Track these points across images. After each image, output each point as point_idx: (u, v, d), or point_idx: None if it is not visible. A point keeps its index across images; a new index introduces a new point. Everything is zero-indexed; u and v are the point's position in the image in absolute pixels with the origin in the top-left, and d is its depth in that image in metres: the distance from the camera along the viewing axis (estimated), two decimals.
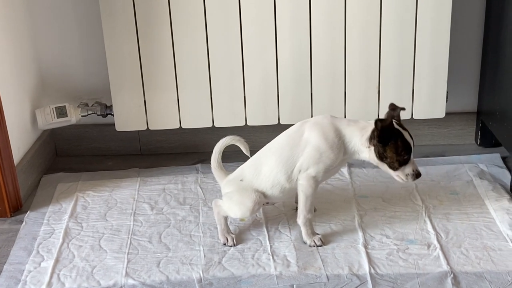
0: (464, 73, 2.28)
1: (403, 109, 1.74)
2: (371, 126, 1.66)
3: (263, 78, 2.13)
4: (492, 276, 1.60)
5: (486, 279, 1.58)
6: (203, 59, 2.11)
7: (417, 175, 1.68)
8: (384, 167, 1.69)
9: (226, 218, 1.79)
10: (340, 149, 1.69)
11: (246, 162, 1.81)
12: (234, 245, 1.75)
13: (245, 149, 1.83)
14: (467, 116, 2.34)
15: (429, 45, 2.10)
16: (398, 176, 1.69)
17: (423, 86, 2.14)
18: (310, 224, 1.75)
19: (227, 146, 1.82)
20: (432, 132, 2.35)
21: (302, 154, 1.70)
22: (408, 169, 1.67)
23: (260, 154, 1.79)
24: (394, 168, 1.67)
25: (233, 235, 1.77)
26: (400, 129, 1.66)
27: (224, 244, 1.76)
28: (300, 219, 1.74)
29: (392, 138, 1.64)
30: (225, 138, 1.81)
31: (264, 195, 1.74)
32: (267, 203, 1.80)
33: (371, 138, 1.66)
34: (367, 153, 1.68)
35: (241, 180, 1.77)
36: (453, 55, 2.16)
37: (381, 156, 1.66)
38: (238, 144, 1.82)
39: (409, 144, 1.65)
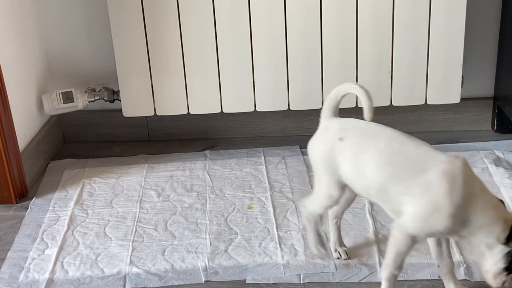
0: (480, 56, 2.22)
1: None
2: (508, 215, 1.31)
3: (272, 63, 2.09)
4: None
5: None
6: (211, 44, 2.07)
7: None
8: (489, 267, 1.33)
9: (318, 223, 1.51)
10: (458, 218, 1.29)
11: (361, 121, 1.43)
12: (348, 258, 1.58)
13: (367, 106, 1.43)
14: (483, 101, 2.28)
15: (443, 27, 2.03)
16: (491, 274, 1.33)
17: (437, 70, 2.08)
18: (394, 280, 1.40)
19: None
20: (447, 118, 2.29)
21: (415, 194, 1.31)
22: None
23: (378, 131, 1.39)
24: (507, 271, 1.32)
25: (345, 248, 1.59)
26: None
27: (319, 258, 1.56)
28: (385, 273, 1.39)
29: None
30: (342, 85, 1.47)
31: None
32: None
33: (509, 238, 1.29)
34: (492, 248, 1.31)
35: (340, 139, 1.41)
36: (469, 38, 2.09)
37: (509, 266, 1.30)
38: (357, 94, 1.44)
39: None
